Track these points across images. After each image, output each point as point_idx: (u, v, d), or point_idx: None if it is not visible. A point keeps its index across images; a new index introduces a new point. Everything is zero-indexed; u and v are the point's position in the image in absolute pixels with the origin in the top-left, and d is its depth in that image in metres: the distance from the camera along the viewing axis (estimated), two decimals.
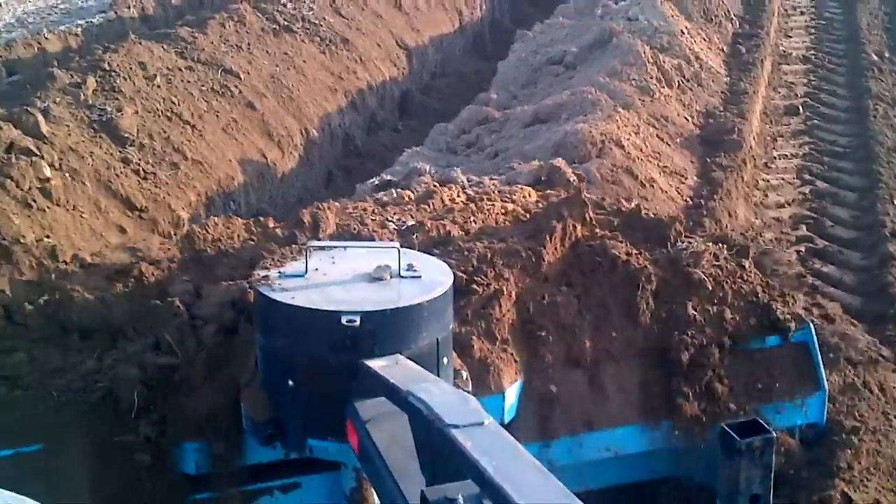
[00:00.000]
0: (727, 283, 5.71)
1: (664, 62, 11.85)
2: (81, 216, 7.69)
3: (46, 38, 11.98)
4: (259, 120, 10.58)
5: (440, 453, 3.33)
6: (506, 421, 5.08)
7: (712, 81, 12.67)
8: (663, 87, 11.37)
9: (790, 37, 16.66)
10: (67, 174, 7.92)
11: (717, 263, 5.80)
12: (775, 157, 11.88)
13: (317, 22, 13.05)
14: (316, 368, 4.24)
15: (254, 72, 11.13)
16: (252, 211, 9.50)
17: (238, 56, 11.20)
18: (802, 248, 9.71)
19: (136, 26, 13.64)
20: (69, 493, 4.61)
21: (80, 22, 13.61)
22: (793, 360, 5.72)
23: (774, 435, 4.97)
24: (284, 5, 12.96)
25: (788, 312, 5.75)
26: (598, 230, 5.90)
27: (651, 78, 11.28)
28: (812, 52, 15.83)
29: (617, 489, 5.65)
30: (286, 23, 12.56)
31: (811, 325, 5.84)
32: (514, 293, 5.37)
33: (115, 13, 13.69)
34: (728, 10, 15.59)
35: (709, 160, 10.46)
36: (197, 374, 4.81)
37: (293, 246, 5.13)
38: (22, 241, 6.42)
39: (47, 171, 7.67)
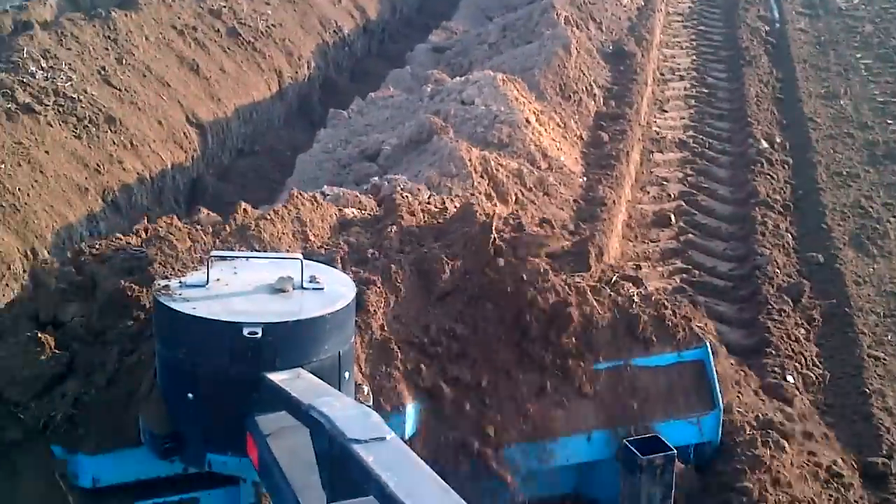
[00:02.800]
0: (623, 308, 5.78)
1: (498, 169, 9.40)
2: None
3: None
4: None
5: (342, 468, 3.33)
6: (406, 436, 5.05)
7: (563, 186, 10.23)
8: (495, 205, 8.90)
9: (665, 111, 14.30)
10: None
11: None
12: None
13: (75, 96, 10.39)
14: (216, 381, 4.17)
15: None
16: None
17: None
18: None
19: None
20: None
21: None
22: (689, 379, 5.75)
23: (675, 452, 5.04)
24: (33, 76, 10.29)
25: (685, 331, 5.82)
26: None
27: (479, 193, 8.81)
28: (690, 133, 13.38)
29: None
30: (30, 100, 9.91)
31: (707, 343, 5.87)
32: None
33: None
34: (591, 84, 13.06)
35: None
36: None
37: (195, 256, 4.94)
38: None
39: None
